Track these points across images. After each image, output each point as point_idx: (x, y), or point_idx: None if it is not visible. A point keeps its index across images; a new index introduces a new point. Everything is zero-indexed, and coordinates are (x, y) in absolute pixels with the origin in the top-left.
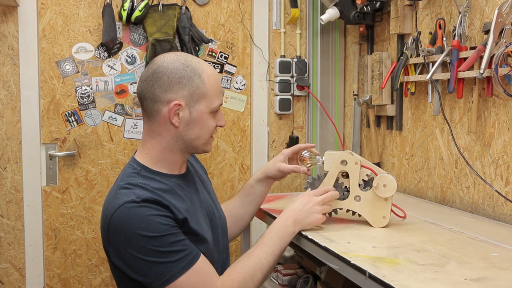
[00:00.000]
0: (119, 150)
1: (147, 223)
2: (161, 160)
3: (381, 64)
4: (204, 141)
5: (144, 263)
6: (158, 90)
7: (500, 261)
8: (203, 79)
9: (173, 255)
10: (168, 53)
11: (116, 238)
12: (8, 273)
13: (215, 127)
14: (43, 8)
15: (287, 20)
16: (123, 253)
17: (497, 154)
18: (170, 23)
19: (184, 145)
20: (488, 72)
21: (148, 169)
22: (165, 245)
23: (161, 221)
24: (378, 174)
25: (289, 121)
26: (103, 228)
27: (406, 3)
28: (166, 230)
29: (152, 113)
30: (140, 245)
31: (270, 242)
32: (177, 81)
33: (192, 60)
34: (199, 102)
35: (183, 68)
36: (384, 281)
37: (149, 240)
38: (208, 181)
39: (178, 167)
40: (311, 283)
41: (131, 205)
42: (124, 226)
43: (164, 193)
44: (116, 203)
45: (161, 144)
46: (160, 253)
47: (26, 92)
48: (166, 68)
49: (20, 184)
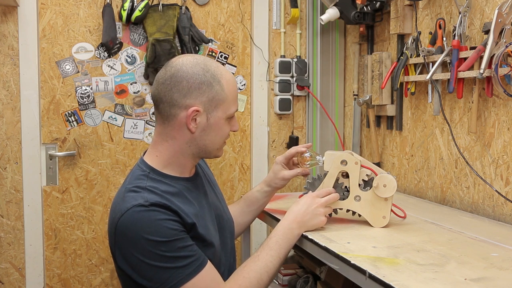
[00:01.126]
0: (119, 150)
1: (154, 227)
2: (172, 163)
3: (381, 64)
4: (217, 146)
5: (150, 267)
6: (177, 95)
7: (500, 261)
8: (222, 85)
9: (180, 261)
10: (186, 55)
11: (123, 242)
12: (8, 273)
13: (229, 133)
14: (43, 8)
15: (287, 20)
16: (129, 257)
17: (497, 154)
18: (170, 23)
19: (197, 150)
20: (488, 72)
21: (157, 172)
22: (173, 251)
23: (169, 226)
24: (378, 174)
25: (289, 121)
26: (110, 231)
27: (406, 3)
28: (174, 235)
29: (168, 116)
30: (147, 249)
31: (276, 246)
32: (197, 86)
33: (212, 65)
34: (217, 108)
35: (203, 74)
36: (384, 281)
37: (157, 244)
38: (216, 183)
39: (188, 170)
40: (311, 283)
41: (139, 209)
42: (131, 230)
43: (172, 197)
44: (124, 207)
45: (174, 148)
46: (167, 258)
47: (26, 92)
48: (186, 72)
49: (20, 184)
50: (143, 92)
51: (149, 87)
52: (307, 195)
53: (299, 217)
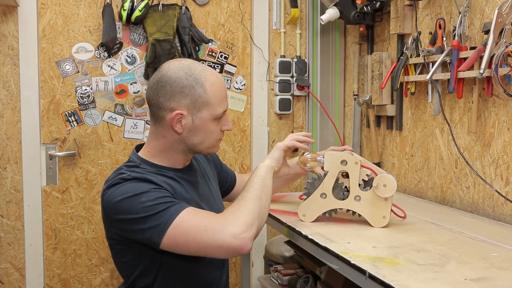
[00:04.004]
0: (119, 150)
1: (133, 187)
2: (163, 157)
3: (381, 64)
4: (208, 145)
5: (138, 221)
6: (162, 98)
7: (500, 261)
8: (205, 88)
9: (162, 206)
10: (174, 60)
11: (110, 213)
12: (8, 273)
13: (220, 132)
14: (43, 8)
15: (287, 20)
16: (119, 223)
17: (497, 154)
18: (170, 23)
19: (187, 147)
20: (488, 72)
21: (148, 162)
22: (152, 199)
23: (147, 185)
24: (378, 174)
25: (289, 121)
26: (102, 215)
27: (406, 3)
28: (151, 189)
29: (158, 118)
30: (129, 205)
31: (257, 184)
32: (179, 90)
33: (196, 69)
34: (202, 110)
35: (185, 78)
36: (384, 281)
37: (136, 198)
38: (214, 178)
39: (180, 163)
40: (311, 283)
41: (122, 181)
42: (113, 198)
43: (164, 178)
44: (108, 183)
45: (165, 145)
46: (149, 207)
47: (26, 92)
48: (169, 77)
49: (20, 184)
50: (143, 92)
51: None
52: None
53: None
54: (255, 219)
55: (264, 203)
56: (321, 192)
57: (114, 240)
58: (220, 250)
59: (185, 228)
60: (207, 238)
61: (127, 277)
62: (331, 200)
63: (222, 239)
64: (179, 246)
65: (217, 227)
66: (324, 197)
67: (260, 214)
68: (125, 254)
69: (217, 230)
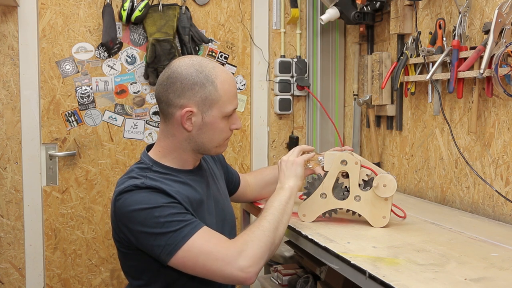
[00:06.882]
0: (119, 150)
1: (147, 198)
2: (174, 158)
3: (381, 64)
4: (216, 144)
5: (149, 236)
6: (172, 95)
7: (500, 261)
8: (216, 86)
9: (174, 225)
10: (184, 57)
11: (122, 220)
12: (8, 273)
13: (229, 130)
14: (43, 8)
15: (287, 20)
16: (129, 232)
17: (497, 154)
18: (170, 23)
19: (196, 146)
20: (488, 72)
21: (159, 164)
22: (165, 216)
23: (161, 198)
24: (378, 174)
25: (289, 121)
26: (111, 218)
27: (406, 3)
28: (165, 203)
29: (167, 115)
30: (142, 217)
31: (276, 210)
32: (189, 87)
33: (207, 66)
34: (212, 108)
35: (196, 75)
36: (384, 281)
37: (150, 211)
38: (221, 178)
39: (190, 164)
40: (311, 283)
41: (135, 189)
42: (126, 206)
43: (175, 183)
44: (123, 187)
45: (174, 144)
46: (162, 224)
47: (26, 92)
48: (180, 73)
49: (20, 184)
50: (143, 92)
51: (149, 87)
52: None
53: (283, 177)
54: (266, 251)
55: (280, 234)
56: (321, 192)
57: (120, 243)
58: (224, 280)
59: (195, 253)
60: (216, 267)
61: (133, 280)
62: (331, 200)
63: (229, 271)
64: (186, 268)
65: (227, 258)
66: (324, 197)
67: (272, 245)
68: (131, 258)
69: (227, 261)
